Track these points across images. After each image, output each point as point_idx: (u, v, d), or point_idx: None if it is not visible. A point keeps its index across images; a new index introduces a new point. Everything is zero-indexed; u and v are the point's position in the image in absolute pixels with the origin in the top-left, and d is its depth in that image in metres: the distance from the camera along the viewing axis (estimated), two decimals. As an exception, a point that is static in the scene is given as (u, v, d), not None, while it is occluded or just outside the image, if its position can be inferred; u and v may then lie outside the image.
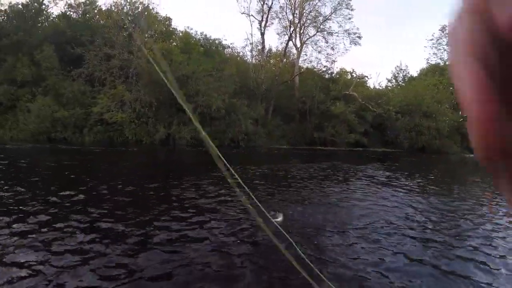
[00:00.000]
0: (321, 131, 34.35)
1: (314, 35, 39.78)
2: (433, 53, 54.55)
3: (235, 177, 1.26)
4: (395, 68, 54.21)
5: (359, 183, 12.57)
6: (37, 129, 21.67)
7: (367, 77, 45.48)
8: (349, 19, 39.74)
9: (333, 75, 41.26)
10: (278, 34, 41.90)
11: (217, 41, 34.28)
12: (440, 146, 40.65)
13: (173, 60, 26.00)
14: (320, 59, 52.40)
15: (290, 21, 38.37)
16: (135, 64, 24.68)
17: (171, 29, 31.01)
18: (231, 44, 42.00)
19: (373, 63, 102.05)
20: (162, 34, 28.65)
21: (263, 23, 37.10)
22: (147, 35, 27.57)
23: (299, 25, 38.29)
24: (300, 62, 39.22)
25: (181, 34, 31.99)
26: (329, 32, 40.01)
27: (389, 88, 50.05)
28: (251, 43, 37.22)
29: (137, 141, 23.16)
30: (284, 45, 39.46)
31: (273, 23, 39.30)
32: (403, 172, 17.44)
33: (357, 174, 15.35)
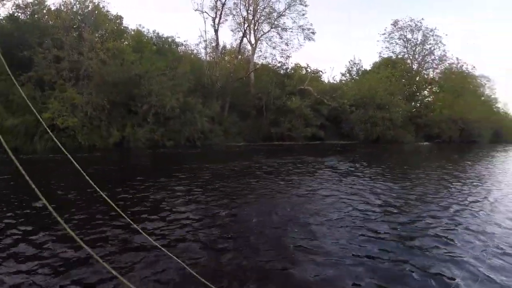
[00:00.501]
0: (277, 126, 35.96)
1: (268, 31, 41.65)
2: (386, 47, 57.13)
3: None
4: (349, 62, 56.38)
5: (321, 175, 13.63)
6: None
7: (321, 71, 47.71)
8: (303, 15, 41.61)
9: (288, 70, 43.14)
10: (232, 30, 42.69)
11: (170, 39, 34.79)
12: (394, 136, 43.56)
13: (125, 59, 26.36)
14: (275, 55, 53.60)
15: (244, 18, 39.76)
16: (85, 65, 24.75)
17: (122, 28, 31.03)
18: (184, 41, 42.31)
19: (328, 58, 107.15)
20: (113, 33, 28.60)
21: (217, 20, 38.12)
22: (97, 35, 27.46)
23: (253, 21, 39.71)
24: (255, 58, 40.97)
25: (132, 32, 32.24)
26: (283, 28, 41.89)
27: (343, 82, 52.29)
28: (205, 40, 37.87)
29: (90, 146, 23.22)
30: (238, 41, 40.85)
31: (227, 20, 39.88)
32: (362, 162, 19.36)
33: (318, 166, 16.47)
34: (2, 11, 51.88)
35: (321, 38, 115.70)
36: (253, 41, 40.52)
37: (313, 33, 42.51)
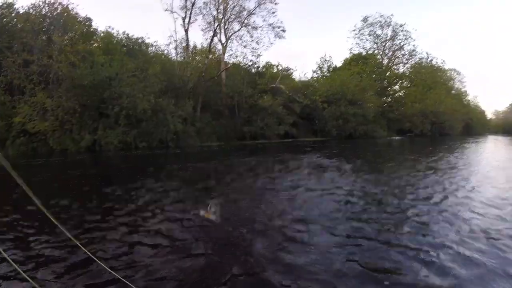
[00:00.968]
0: (250, 125, 36.98)
1: (238, 30, 42.56)
2: (356, 43, 59.27)
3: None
4: (320, 59, 57.84)
5: (299, 172, 14.20)
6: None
7: (292, 69, 49.41)
8: (273, 13, 42.53)
9: (260, 69, 44.59)
10: (202, 30, 43.37)
11: (140, 40, 35.57)
12: (367, 131, 45.22)
13: (95, 62, 27.03)
14: (246, 54, 54.65)
15: (214, 17, 40.63)
16: (55, 68, 25.24)
17: (92, 30, 31.59)
18: (154, 42, 42.82)
19: (299, 55, 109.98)
20: (82, 35, 29.08)
21: (187, 20, 38.94)
22: (66, 37, 27.80)
23: (223, 20, 40.75)
24: (226, 57, 42.04)
25: (102, 34, 32.88)
26: (254, 26, 42.86)
27: (315, 79, 53.95)
28: (176, 41, 38.61)
29: (62, 150, 23.57)
30: (209, 41, 41.64)
31: (197, 20, 40.59)
32: (338, 157, 20.38)
33: (293, 164, 17.13)
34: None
35: (292, 35, 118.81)
36: (224, 40, 41.55)
37: (284, 31, 43.79)
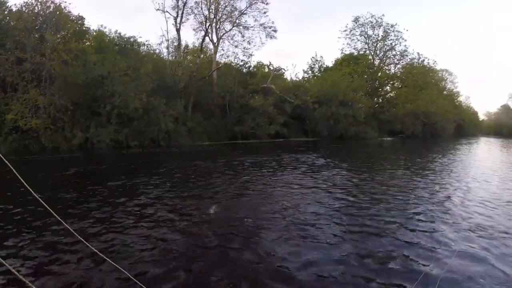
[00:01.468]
0: (241, 124, 37.96)
1: (230, 30, 43.76)
2: (347, 44, 60.27)
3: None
4: (311, 59, 58.87)
5: (291, 171, 14.69)
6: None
7: (283, 69, 50.54)
8: (265, 13, 43.81)
9: (251, 69, 45.63)
10: (194, 30, 44.27)
11: (132, 39, 36.43)
12: (358, 132, 46.42)
13: (88, 60, 27.95)
14: (237, 54, 55.91)
15: (205, 17, 41.75)
16: (48, 66, 25.89)
17: (84, 29, 32.27)
18: (146, 41, 43.73)
19: (290, 55, 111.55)
20: (75, 34, 29.80)
21: (179, 19, 40.03)
22: (59, 36, 28.38)
23: (215, 20, 41.83)
24: (217, 57, 43.35)
25: (94, 33, 33.72)
26: (245, 26, 44.17)
27: (306, 79, 55.35)
28: (167, 40, 39.53)
29: (54, 147, 24.24)
30: (200, 40, 42.75)
31: (188, 19, 41.46)
32: (331, 158, 21.40)
33: (285, 163, 17.72)
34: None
35: (283, 35, 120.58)
36: (215, 40, 42.63)
37: (275, 31, 45.25)
